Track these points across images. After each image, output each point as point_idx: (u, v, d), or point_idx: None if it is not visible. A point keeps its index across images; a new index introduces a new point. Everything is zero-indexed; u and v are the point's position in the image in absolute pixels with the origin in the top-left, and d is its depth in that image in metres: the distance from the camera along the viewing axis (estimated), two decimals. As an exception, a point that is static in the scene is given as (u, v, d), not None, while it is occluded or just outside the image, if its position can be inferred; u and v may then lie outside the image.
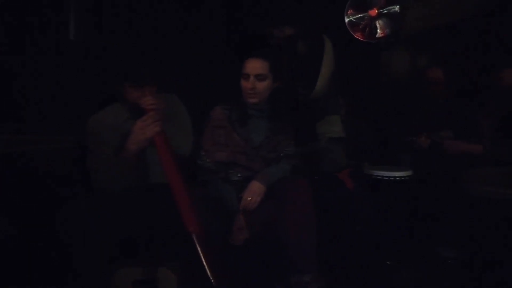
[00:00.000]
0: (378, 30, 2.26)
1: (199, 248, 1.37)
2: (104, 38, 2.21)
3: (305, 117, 2.30)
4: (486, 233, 1.73)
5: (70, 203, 1.48)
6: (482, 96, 2.38)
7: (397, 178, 2.13)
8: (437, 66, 2.53)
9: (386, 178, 2.13)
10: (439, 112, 2.49)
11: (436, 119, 2.48)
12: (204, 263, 1.37)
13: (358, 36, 2.27)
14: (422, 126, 2.49)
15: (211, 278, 1.36)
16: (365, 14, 2.24)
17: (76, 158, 1.84)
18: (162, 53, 2.26)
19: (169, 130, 1.55)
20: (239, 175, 1.84)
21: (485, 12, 2.59)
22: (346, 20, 2.26)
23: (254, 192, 1.75)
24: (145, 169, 1.60)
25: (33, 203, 1.77)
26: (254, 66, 1.86)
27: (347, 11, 2.23)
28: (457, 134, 2.33)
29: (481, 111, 2.29)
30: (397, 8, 2.20)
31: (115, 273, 1.49)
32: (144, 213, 1.48)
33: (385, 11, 2.22)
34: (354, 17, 2.26)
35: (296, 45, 2.29)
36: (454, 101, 2.48)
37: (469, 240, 1.90)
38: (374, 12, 2.20)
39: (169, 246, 1.50)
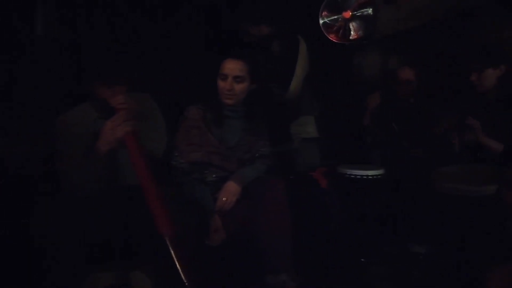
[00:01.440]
0: (352, 32, 2.30)
1: (172, 251, 1.35)
2: (74, 34, 2.14)
3: (280, 118, 2.31)
4: (455, 228, 1.79)
5: (38, 206, 1.43)
6: (453, 97, 2.46)
7: (369, 177, 2.17)
8: (407, 67, 2.60)
9: (359, 176, 2.17)
10: (408, 112, 2.56)
11: (406, 118, 2.55)
12: (178, 266, 1.35)
13: (332, 37, 2.30)
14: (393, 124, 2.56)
15: (185, 281, 1.34)
16: (339, 16, 2.26)
17: (44, 159, 1.78)
18: (135, 51, 2.22)
19: (141, 130, 1.52)
20: (214, 175, 1.83)
21: (455, 14, 2.67)
22: (321, 21, 2.28)
23: (229, 193, 1.75)
24: (116, 170, 1.56)
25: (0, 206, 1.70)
26: (233, 67, 1.84)
27: (322, 12, 2.26)
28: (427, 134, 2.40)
29: (451, 111, 2.35)
30: (370, 10, 2.24)
31: (87, 278, 1.45)
32: (115, 216, 1.44)
33: (359, 14, 2.25)
34: (329, 19, 2.28)
35: (271, 45, 2.29)
36: (424, 101, 2.55)
37: (439, 236, 1.96)
38: (348, 14, 2.23)
39: (142, 249, 1.47)
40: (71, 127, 1.57)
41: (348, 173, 2.20)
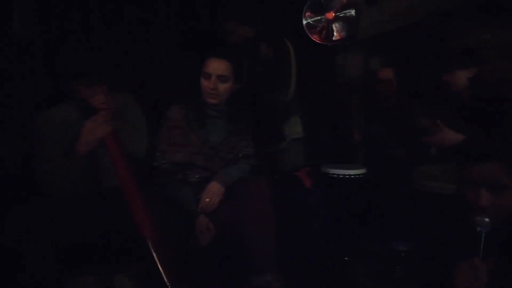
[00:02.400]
0: (335, 33, 2.31)
1: (154, 253, 1.33)
2: (53, 32, 2.09)
3: (272, 119, 2.32)
4: (435, 226, 1.82)
5: (15, 208, 1.39)
6: (430, 97, 2.50)
7: (352, 176, 2.19)
8: (386, 67, 2.64)
9: (342, 176, 2.19)
10: (389, 112, 2.59)
11: (387, 118, 2.59)
12: (160, 268, 1.33)
13: (315, 38, 2.30)
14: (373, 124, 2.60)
15: (167, 283, 1.33)
16: (322, 17, 2.27)
17: (22, 160, 1.73)
18: (116, 50, 2.18)
19: (122, 130, 1.49)
20: (197, 176, 1.81)
21: (435, 17, 2.72)
22: (304, 22, 2.29)
23: (212, 193, 1.73)
24: (96, 171, 1.53)
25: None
26: (217, 66, 1.82)
27: (305, 13, 2.26)
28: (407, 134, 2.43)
29: (430, 111, 2.40)
30: (352, 12, 2.25)
31: (67, 283, 1.42)
32: (96, 218, 1.42)
33: (342, 15, 2.26)
34: (312, 19, 2.29)
35: (259, 46, 2.28)
36: (404, 102, 2.58)
37: (420, 234, 1.99)
38: (331, 15, 2.24)
39: (124, 252, 1.44)
40: (50, 127, 1.53)
41: (331, 172, 2.21)
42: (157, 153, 1.80)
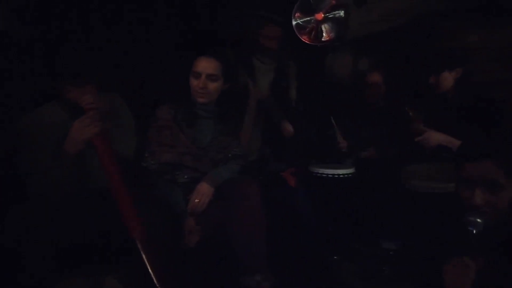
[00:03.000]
0: (324, 34, 2.32)
1: (143, 254, 1.32)
2: (41, 31, 2.06)
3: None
4: (423, 224, 1.84)
5: (2, 209, 1.37)
6: (418, 99, 2.53)
7: (341, 176, 2.20)
8: (375, 71, 2.65)
9: (331, 176, 2.20)
10: (377, 115, 2.61)
11: (374, 121, 2.61)
12: (150, 269, 1.33)
13: (304, 39, 2.31)
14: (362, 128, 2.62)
15: (157, 284, 1.32)
16: (312, 17, 2.29)
17: (7, 160, 1.70)
18: (104, 50, 2.16)
19: (110, 130, 1.48)
20: (186, 176, 1.80)
21: (424, 18, 2.75)
22: (294, 23, 2.30)
23: (202, 194, 1.73)
24: (84, 173, 1.52)
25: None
26: (207, 65, 1.82)
27: (295, 14, 2.27)
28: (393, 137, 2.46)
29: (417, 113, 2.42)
30: (342, 13, 2.27)
31: (56, 286, 1.40)
32: (85, 219, 1.41)
33: (331, 16, 2.28)
34: (301, 20, 2.30)
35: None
36: (392, 104, 2.61)
37: (408, 232, 2.01)
38: (320, 16, 2.25)
39: (114, 253, 1.43)
40: (38, 128, 1.52)
41: (320, 172, 2.22)
42: (145, 153, 1.79)
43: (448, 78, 2.12)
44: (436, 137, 2.03)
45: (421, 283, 1.20)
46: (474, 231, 1.02)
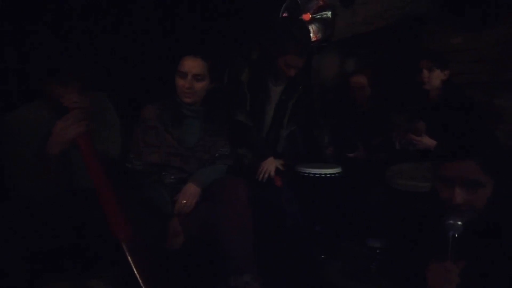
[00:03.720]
0: (311, 34, 2.33)
1: (129, 257, 1.30)
2: (24, 28, 2.00)
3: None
4: (407, 223, 1.85)
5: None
6: (402, 100, 2.56)
7: (328, 175, 2.21)
8: (361, 72, 2.67)
9: (318, 175, 2.21)
10: (362, 117, 2.64)
11: (361, 122, 2.63)
12: (135, 271, 1.30)
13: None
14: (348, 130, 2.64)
15: (143, 287, 1.30)
16: (299, 18, 2.29)
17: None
18: (89, 48, 2.11)
19: (95, 130, 1.45)
20: (172, 177, 1.78)
21: (408, 20, 2.79)
22: (281, 22, 2.30)
23: (189, 195, 1.71)
24: (68, 173, 1.48)
25: None
26: (193, 65, 1.80)
27: (282, 14, 2.28)
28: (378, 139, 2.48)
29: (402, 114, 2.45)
30: (329, 13, 2.29)
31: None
32: (69, 221, 1.38)
33: (318, 16, 2.29)
34: (305, 24, 2.30)
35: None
36: (377, 107, 2.63)
37: (394, 230, 2.03)
38: (307, 16, 2.27)
39: (98, 256, 1.40)
40: (21, 127, 1.48)
41: (306, 172, 2.23)
42: (131, 154, 1.76)
43: (438, 77, 2.17)
44: (429, 142, 2.05)
45: (407, 281, 1.21)
46: (456, 235, 1.02)
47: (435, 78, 2.16)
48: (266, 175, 2.04)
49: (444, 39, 2.68)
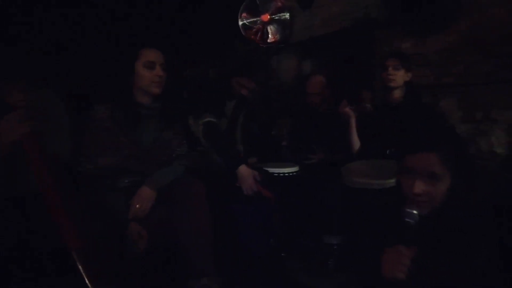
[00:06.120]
0: (270, 35, 2.35)
1: (80, 266, 1.23)
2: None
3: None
4: (363, 219, 1.91)
5: None
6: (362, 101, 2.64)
7: (286, 174, 2.23)
8: (318, 74, 2.72)
9: (276, 174, 2.23)
10: (319, 118, 2.69)
11: (318, 123, 2.68)
12: (87, 282, 1.23)
13: (251, 39, 2.32)
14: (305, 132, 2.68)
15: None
16: (258, 18, 2.30)
17: None
18: (36, 43, 1.98)
19: (42, 131, 1.36)
20: (126, 181, 1.72)
21: (363, 23, 2.88)
22: (240, 23, 2.29)
23: (143, 198, 1.66)
24: (13, 177, 1.38)
25: None
26: (157, 55, 1.78)
27: (241, 14, 2.27)
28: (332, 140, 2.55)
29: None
30: (287, 15, 2.31)
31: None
32: (13, 228, 1.29)
33: (277, 17, 2.31)
34: (248, 20, 2.30)
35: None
36: (334, 108, 2.69)
37: (350, 226, 2.09)
38: (266, 17, 2.28)
39: (46, 266, 1.32)
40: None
41: (264, 170, 2.24)
42: (82, 157, 1.68)
43: (402, 77, 2.21)
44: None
45: (363, 273, 1.25)
46: (411, 222, 1.08)
47: (400, 77, 2.20)
48: (252, 191, 2.02)
49: (396, 43, 2.79)
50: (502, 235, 1.12)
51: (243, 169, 2.03)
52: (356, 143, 2.22)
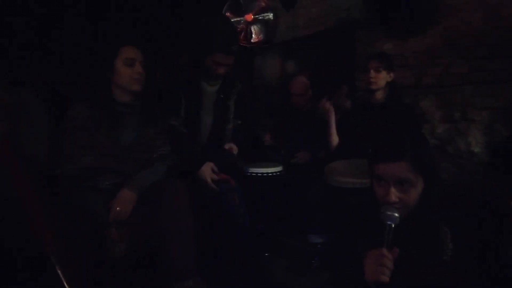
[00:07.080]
0: (253, 35, 2.34)
1: (59, 271, 1.19)
2: None
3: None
4: (346, 218, 1.92)
5: None
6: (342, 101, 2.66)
7: (270, 174, 2.24)
8: (301, 75, 2.72)
9: (260, 174, 2.23)
10: (303, 118, 2.70)
11: (302, 124, 2.69)
12: (66, 286, 1.19)
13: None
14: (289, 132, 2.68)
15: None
16: (242, 18, 2.28)
17: None
18: (14, 41, 1.91)
19: (17, 131, 1.31)
20: (107, 182, 1.67)
21: (345, 25, 2.90)
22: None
23: (123, 201, 1.61)
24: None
25: None
26: (136, 51, 1.76)
27: (225, 13, 2.25)
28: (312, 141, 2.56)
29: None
30: (271, 15, 2.30)
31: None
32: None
33: (260, 18, 2.30)
34: (231, 20, 2.27)
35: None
36: (314, 108, 2.70)
37: (334, 226, 2.09)
38: (250, 17, 2.26)
39: (24, 271, 1.27)
40: None
41: (249, 171, 2.24)
42: (60, 158, 1.62)
43: (384, 78, 2.22)
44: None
45: (346, 272, 1.26)
46: (392, 225, 1.09)
47: (381, 79, 2.22)
48: (210, 184, 1.99)
49: (377, 44, 2.83)
50: (483, 233, 1.14)
51: (203, 167, 1.99)
52: (334, 139, 2.23)
